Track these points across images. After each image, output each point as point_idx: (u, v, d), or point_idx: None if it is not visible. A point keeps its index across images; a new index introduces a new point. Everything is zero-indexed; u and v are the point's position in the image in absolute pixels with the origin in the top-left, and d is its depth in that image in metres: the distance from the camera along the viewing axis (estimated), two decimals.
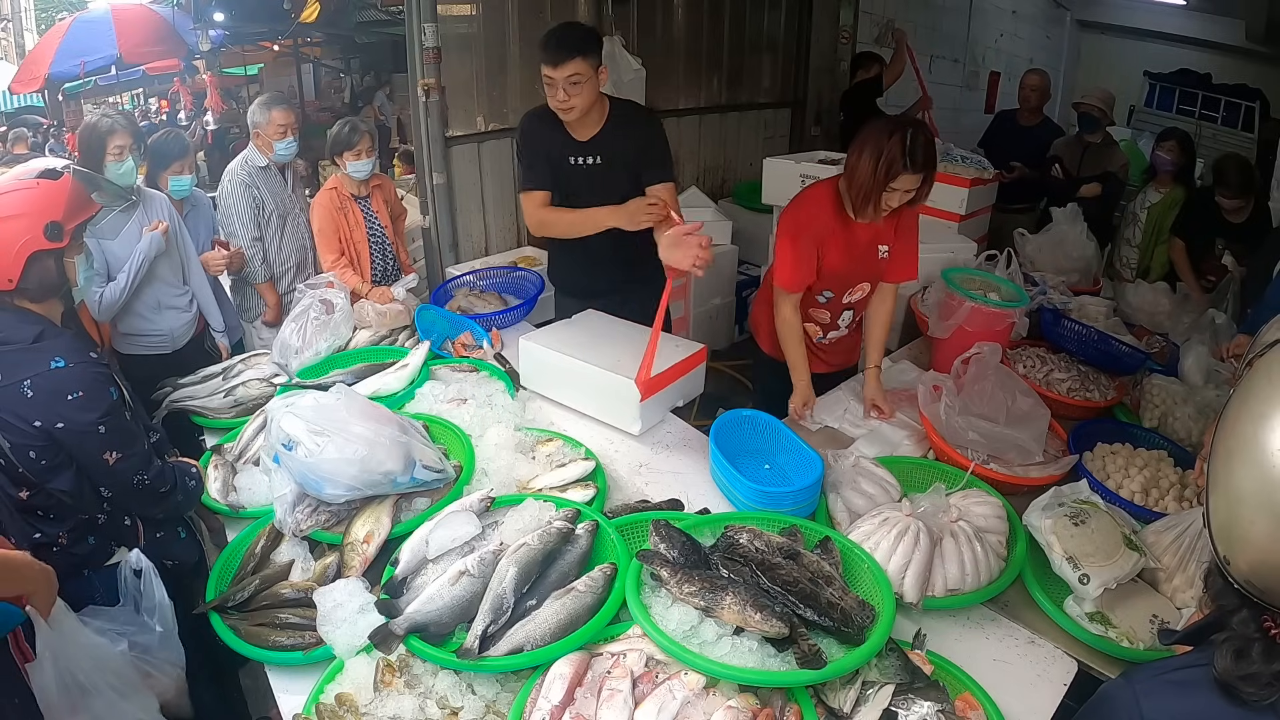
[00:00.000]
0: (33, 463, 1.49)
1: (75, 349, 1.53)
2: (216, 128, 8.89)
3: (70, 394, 1.47)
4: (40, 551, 1.57)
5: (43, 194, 1.52)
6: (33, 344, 1.49)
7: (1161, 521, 1.61)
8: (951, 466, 1.80)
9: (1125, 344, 2.34)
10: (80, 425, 1.49)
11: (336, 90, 9.35)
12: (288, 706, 1.33)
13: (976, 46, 7.06)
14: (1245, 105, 6.59)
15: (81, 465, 1.54)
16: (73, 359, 1.49)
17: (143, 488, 1.61)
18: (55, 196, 1.53)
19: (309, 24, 6.25)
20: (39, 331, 1.51)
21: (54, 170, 1.60)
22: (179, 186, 2.73)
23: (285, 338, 2.32)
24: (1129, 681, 0.86)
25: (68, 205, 1.54)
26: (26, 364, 1.46)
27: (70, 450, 1.51)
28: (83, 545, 1.62)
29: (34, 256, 1.49)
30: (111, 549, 1.66)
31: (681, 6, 4.66)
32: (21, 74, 9.29)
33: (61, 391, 1.46)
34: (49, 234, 1.50)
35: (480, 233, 3.86)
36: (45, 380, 1.46)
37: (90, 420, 1.49)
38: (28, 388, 1.44)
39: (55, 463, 1.51)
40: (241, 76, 10.20)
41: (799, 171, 3.57)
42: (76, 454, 1.52)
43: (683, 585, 1.29)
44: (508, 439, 1.86)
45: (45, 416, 1.46)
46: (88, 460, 1.54)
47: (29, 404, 1.45)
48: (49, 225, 1.50)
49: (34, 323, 1.52)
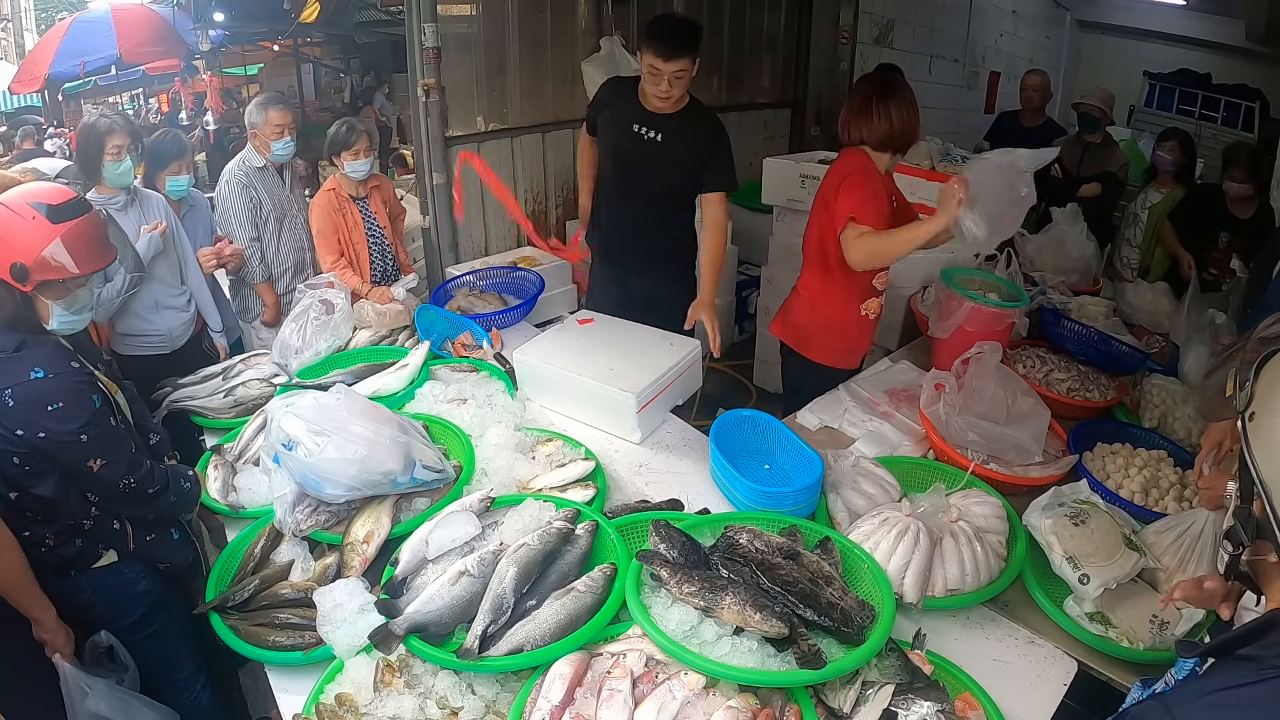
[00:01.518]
0: (16, 468, 1.48)
1: (55, 358, 1.49)
2: (217, 128, 8.89)
3: (50, 405, 1.45)
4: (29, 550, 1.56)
5: (29, 230, 1.46)
6: (13, 353, 1.47)
7: (1161, 522, 1.61)
8: (951, 466, 1.80)
9: (1125, 344, 2.34)
10: (62, 435, 1.46)
11: (336, 90, 9.35)
12: (288, 706, 1.33)
13: (976, 46, 7.05)
14: (1245, 105, 6.58)
15: (66, 472, 1.53)
16: (52, 369, 1.47)
17: (129, 490, 1.59)
18: (40, 240, 1.46)
19: (309, 24, 6.25)
20: (20, 341, 1.48)
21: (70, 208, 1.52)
22: (176, 187, 2.72)
23: (285, 338, 2.32)
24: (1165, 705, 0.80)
25: (50, 254, 1.46)
26: (7, 373, 1.44)
27: (54, 458, 1.50)
28: (69, 547, 1.61)
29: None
30: (99, 551, 1.65)
31: (681, 7, 4.66)
32: (21, 74, 9.29)
33: (42, 402, 1.44)
34: (14, 273, 1.45)
35: (480, 233, 3.86)
36: (25, 390, 1.44)
37: (72, 430, 1.47)
38: (9, 397, 1.43)
39: (38, 469, 1.49)
40: (241, 76, 10.20)
41: (799, 171, 3.57)
42: (60, 462, 1.51)
43: (682, 585, 1.29)
44: (507, 439, 1.86)
45: (27, 426, 1.44)
46: (72, 468, 1.52)
47: (10, 413, 1.43)
48: (14, 265, 1.45)
49: (15, 331, 1.49)
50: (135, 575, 1.70)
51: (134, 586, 1.71)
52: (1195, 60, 6.92)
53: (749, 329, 4.48)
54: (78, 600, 1.65)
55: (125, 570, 1.68)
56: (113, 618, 1.70)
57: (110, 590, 1.68)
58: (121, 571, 1.68)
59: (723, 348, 2.46)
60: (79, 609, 1.67)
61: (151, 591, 1.73)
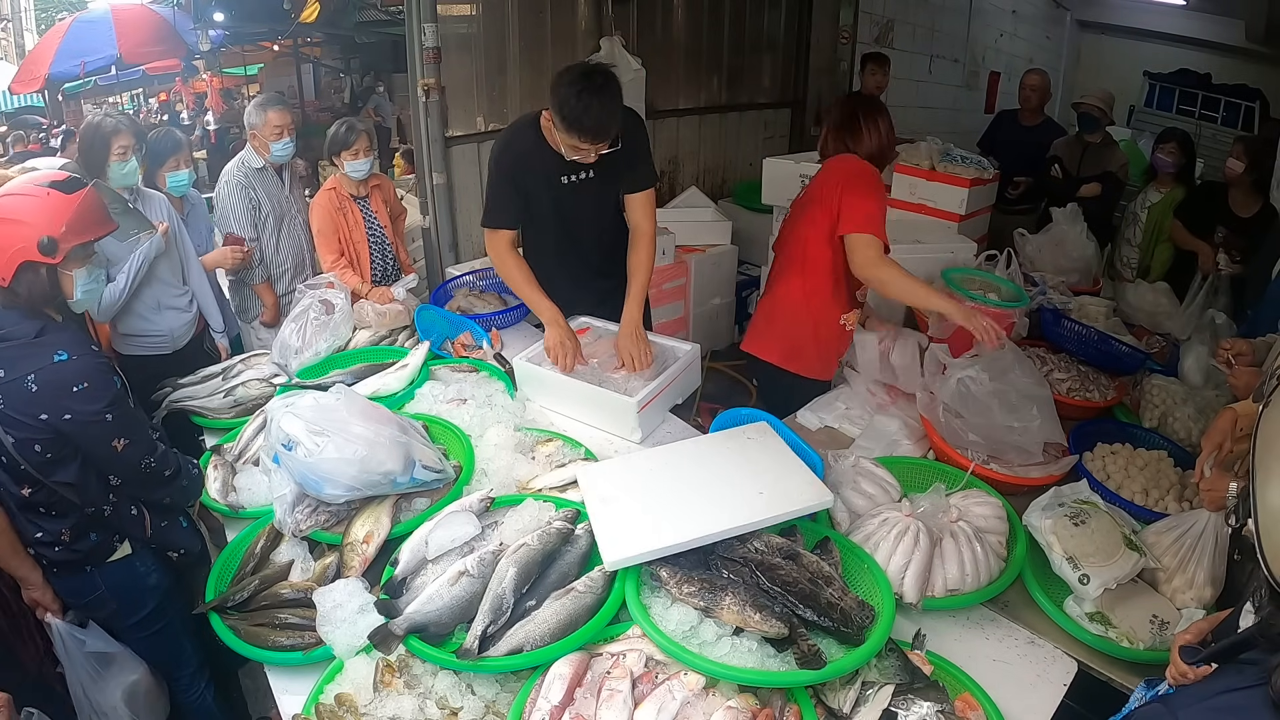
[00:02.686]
0: (38, 456, 1.49)
1: (77, 341, 1.54)
2: (217, 128, 8.89)
3: (75, 385, 1.48)
4: (42, 549, 1.58)
5: (48, 205, 1.52)
6: (35, 339, 1.49)
7: (1162, 522, 1.61)
8: (951, 467, 1.80)
9: (1125, 344, 2.34)
10: (87, 415, 1.50)
11: (336, 90, 9.35)
12: (288, 706, 1.33)
13: (976, 46, 7.05)
14: (1245, 105, 6.58)
15: (89, 455, 1.55)
16: (75, 351, 1.50)
17: (150, 470, 1.63)
18: (60, 210, 1.52)
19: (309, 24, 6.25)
20: (40, 327, 1.52)
21: (75, 182, 1.59)
22: (177, 182, 2.73)
23: (285, 338, 2.32)
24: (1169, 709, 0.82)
25: (72, 221, 1.53)
26: (30, 358, 1.46)
27: (77, 441, 1.52)
28: (84, 541, 1.63)
29: (23, 266, 1.49)
30: (114, 544, 1.67)
31: (681, 6, 4.66)
32: (21, 74, 9.28)
33: (67, 384, 1.47)
34: (42, 248, 1.49)
35: (480, 233, 3.85)
36: (49, 374, 1.46)
37: (97, 410, 1.50)
38: (32, 382, 1.45)
39: (60, 455, 1.52)
40: (241, 76, 10.20)
41: (799, 171, 3.57)
42: (83, 444, 1.53)
43: (682, 585, 1.29)
44: (507, 439, 1.86)
45: (51, 410, 1.46)
46: (96, 449, 1.55)
47: (34, 398, 1.45)
48: (43, 240, 1.49)
49: (35, 318, 1.53)
50: (147, 568, 1.73)
51: (146, 579, 1.73)
52: (1195, 60, 6.92)
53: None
54: (91, 598, 1.68)
55: (138, 563, 1.71)
56: (124, 614, 1.73)
57: (124, 584, 1.70)
58: (134, 565, 1.70)
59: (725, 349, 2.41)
60: (91, 608, 1.69)
61: (161, 585, 1.76)
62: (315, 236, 2.86)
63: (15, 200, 1.51)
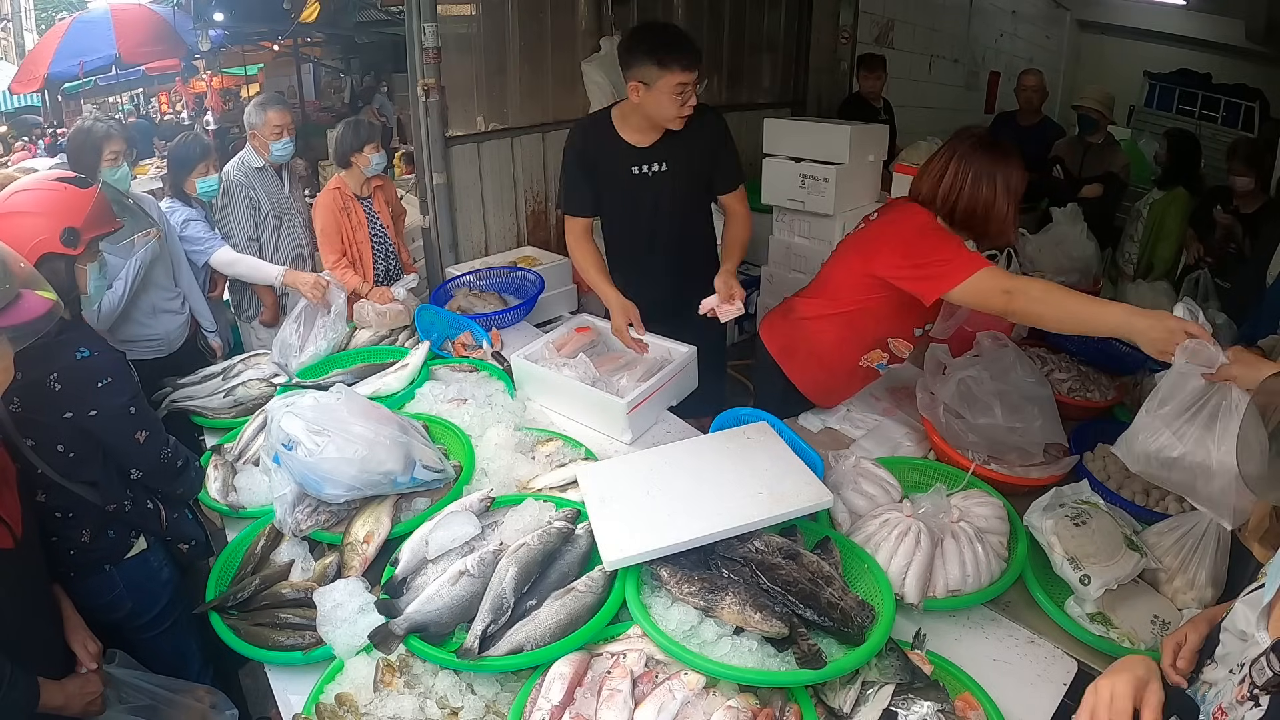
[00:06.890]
0: (60, 457, 1.49)
1: (96, 338, 1.56)
2: (217, 128, 8.89)
3: (100, 380, 1.49)
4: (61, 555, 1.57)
5: (67, 198, 1.55)
6: (57, 337, 1.47)
7: (1163, 523, 1.61)
8: (952, 467, 1.80)
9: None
10: (113, 409, 1.51)
11: (336, 90, 9.36)
12: (288, 706, 1.33)
13: (976, 46, 7.06)
14: (1245, 105, 6.58)
15: (111, 450, 1.57)
16: (96, 347, 1.52)
17: (167, 461, 1.66)
18: (79, 203, 1.55)
19: (309, 24, 6.26)
20: (61, 325, 1.50)
21: (83, 179, 1.64)
22: (206, 187, 2.76)
23: (285, 337, 2.33)
24: None
25: (89, 215, 1.56)
26: (51, 357, 1.45)
27: (100, 437, 1.53)
28: (103, 539, 1.63)
29: (45, 257, 1.49)
30: (131, 540, 1.68)
31: (681, 6, 4.65)
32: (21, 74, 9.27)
33: (92, 380, 1.48)
34: (65, 238, 1.51)
35: (480, 233, 3.86)
36: (74, 371, 1.47)
37: (122, 403, 1.53)
38: (55, 381, 1.45)
39: (84, 453, 1.52)
40: (241, 76, 10.20)
41: (799, 171, 3.58)
42: (107, 439, 1.54)
43: (682, 585, 1.29)
44: (508, 439, 1.86)
45: (76, 407, 1.47)
46: (120, 443, 1.56)
47: (57, 397, 1.45)
48: (66, 230, 1.51)
49: None
50: (159, 563, 1.73)
51: (159, 575, 1.74)
52: (1195, 60, 6.92)
53: (749, 329, 4.48)
54: (108, 598, 1.67)
55: (151, 558, 1.72)
56: (139, 612, 1.72)
57: (139, 581, 1.70)
58: (148, 560, 1.71)
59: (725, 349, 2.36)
60: (107, 608, 1.67)
61: (171, 580, 1.77)
62: (318, 236, 2.86)
63: (32, 194, 1.53)
